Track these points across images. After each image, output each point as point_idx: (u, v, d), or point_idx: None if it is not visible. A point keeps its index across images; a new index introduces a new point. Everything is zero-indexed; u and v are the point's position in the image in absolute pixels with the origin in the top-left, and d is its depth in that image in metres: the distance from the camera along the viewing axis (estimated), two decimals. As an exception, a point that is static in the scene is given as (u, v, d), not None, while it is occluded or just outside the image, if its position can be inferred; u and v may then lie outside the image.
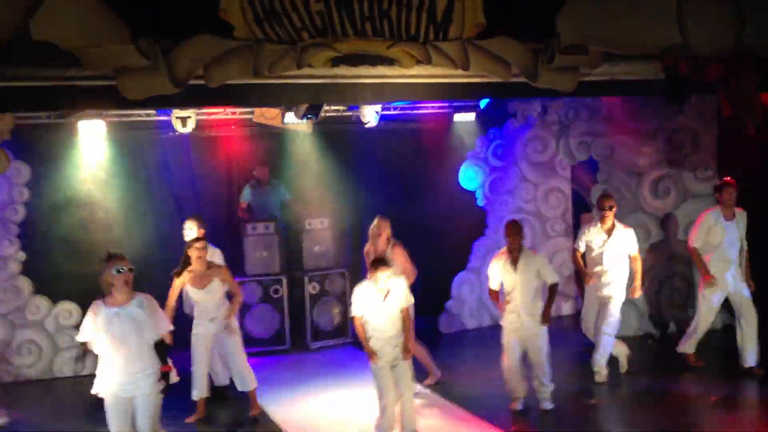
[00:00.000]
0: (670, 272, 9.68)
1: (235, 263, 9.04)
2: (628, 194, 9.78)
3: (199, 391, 7.44)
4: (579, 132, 10.11)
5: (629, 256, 7.97)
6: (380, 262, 6.45)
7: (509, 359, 7.21)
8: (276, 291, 9.80)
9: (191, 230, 7.95)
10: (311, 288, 9.90)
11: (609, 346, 7.99)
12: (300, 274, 9.98)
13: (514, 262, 7.11)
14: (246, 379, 7.58)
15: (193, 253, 7.21)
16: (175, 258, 7.37)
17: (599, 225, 7.97)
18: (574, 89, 6.95)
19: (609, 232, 7.92)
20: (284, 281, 9.84)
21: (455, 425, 7.10)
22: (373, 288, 6.39)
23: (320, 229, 10.08)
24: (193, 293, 7.33)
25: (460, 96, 8.55)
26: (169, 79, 5.85)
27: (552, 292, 7.22)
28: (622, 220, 8.26)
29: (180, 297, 7.38)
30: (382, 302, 6.39)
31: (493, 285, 7.28)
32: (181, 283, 7.25)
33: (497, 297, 7.32)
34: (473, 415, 7.26)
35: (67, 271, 9.14)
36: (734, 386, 7.73)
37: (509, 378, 7.27)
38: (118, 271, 5.49)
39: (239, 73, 6.09)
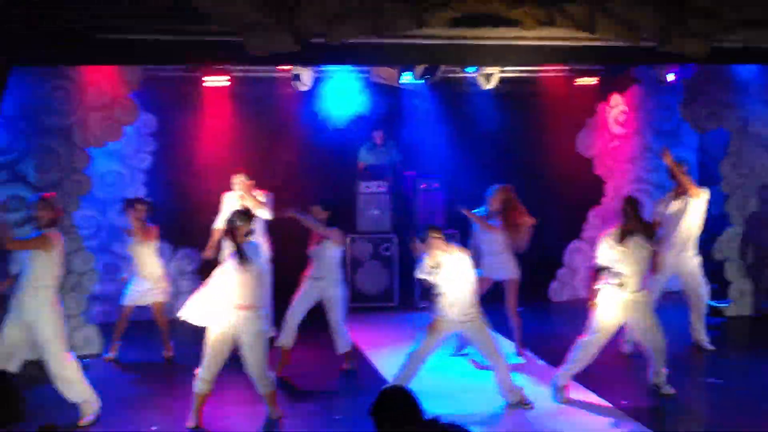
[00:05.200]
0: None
1: (347, 221, 9.16)
2: (760, 169, 9.28)
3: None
4: (709, 101, 9.56)
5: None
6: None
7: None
8: (386, 249, 9.89)
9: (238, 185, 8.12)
10: (422, 248, 9.90)
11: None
12: (411, 234, 10.00)
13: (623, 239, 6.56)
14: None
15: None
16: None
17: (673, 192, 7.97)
18: (705, 56, 6.57)
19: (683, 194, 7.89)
20: (395, 240, 9.92)
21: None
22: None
23: (432, 190, 10.07)
24: None
25: (584, 61, 8.29)
26: (291, 36, 5.92)
27: None
28: (752, 195, 7.83)
29: None
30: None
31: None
32: None
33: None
34: (585, 388, 6.97)
35: (188, 218, 9.50)
36: None
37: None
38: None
39: (359, 32, 6.08)
